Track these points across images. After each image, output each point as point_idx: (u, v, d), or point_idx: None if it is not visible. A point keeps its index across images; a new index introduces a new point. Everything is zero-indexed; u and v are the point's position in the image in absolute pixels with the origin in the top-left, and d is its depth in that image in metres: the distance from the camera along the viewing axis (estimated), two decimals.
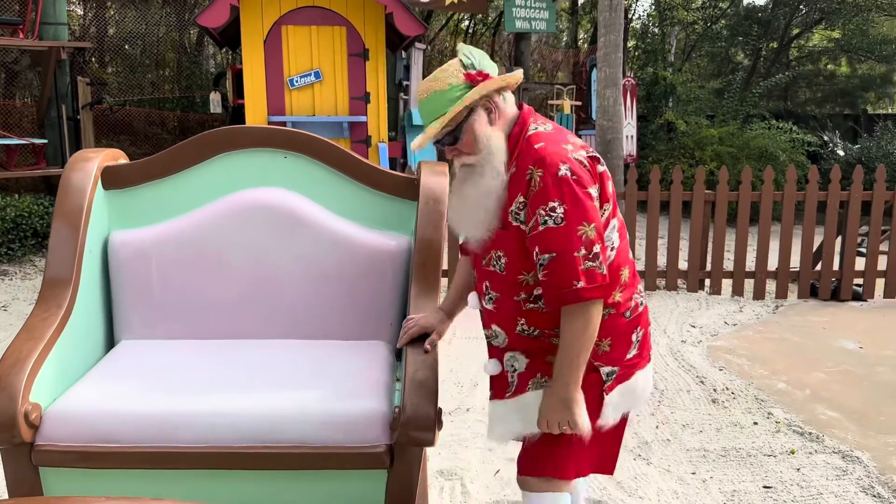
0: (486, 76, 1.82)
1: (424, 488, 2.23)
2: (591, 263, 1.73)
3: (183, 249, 2.37)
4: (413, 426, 1.84)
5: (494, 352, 2.02)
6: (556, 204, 1.73)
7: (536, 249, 1.76)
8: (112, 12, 11.22)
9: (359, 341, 2.38)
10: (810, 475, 3.00)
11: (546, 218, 1.74)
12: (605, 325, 1.85)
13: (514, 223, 1.80)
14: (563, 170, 1.74)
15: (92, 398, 1.95)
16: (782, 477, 2.99)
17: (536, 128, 1.85)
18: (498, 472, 2.99)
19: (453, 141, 1.83)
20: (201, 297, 2.37)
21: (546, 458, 1.91)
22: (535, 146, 1.79)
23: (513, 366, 1.96)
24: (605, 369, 1.90)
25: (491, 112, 1.84)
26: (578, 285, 1.72)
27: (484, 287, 1.95)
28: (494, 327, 1.97)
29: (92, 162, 2.36)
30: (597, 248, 1.74)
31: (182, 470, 1.91)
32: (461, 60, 1.83)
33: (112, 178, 2.41)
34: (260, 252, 2.38)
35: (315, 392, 1.98)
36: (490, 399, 2.04)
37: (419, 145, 1.85)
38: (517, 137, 1.85)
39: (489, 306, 1.95)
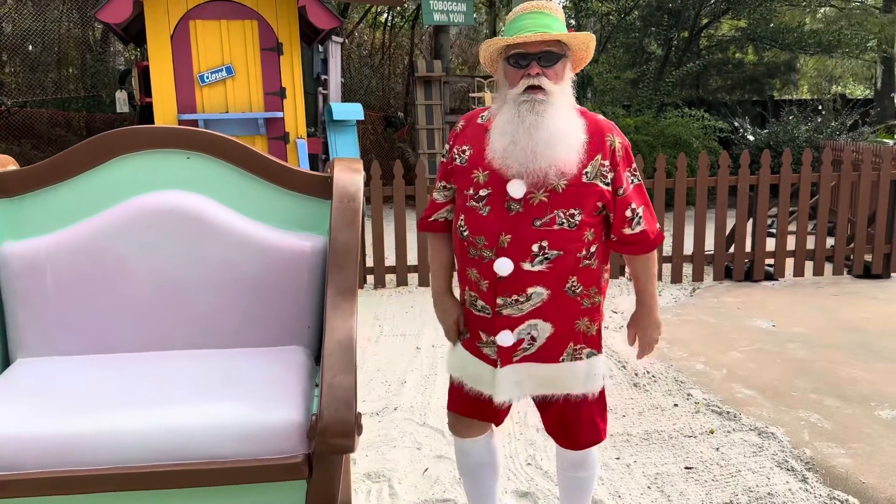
0: None
1: (348, 495, 2.17)
2: None
3: (80, 259, 2.23)
4: (331, 434, 1.78)
5: (505, 322, 1.98)
6: (635, 166, 2.02)
7: (633, 204, 1.97)
8: (7, 8, 10.60)
9: (275, 347, 2.30)
10: (729, 453, 3.09)
11: (633, 178, 2.00)
12: (603, 285, 2.06)
13: (601, 184, 1.93)
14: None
15: None
16: (703, 457, 3.07)
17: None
18: (426, 470, 2.96)
19: (543, 60, 1.87)
20: (102, 309, 2.24)
21: (600, 425, 2.13)
22: (598, 117, 1.99)
23: (530, 334, 1.99)
24: (603, 325, 2.12)
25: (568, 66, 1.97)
26: (662, 229, 2.04)
27: (536, 248, 1.91)
28: (534, 289, 1.94)
29: None
30: None
31: (89, 494, 1.80)
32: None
33: None
34: (164, 259, 2.26)
35: (227, 403, 1.89)
36: (498, 367, 2.02)
37: (508, 41, 1.85)
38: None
39: (539, 267, 1.92)
